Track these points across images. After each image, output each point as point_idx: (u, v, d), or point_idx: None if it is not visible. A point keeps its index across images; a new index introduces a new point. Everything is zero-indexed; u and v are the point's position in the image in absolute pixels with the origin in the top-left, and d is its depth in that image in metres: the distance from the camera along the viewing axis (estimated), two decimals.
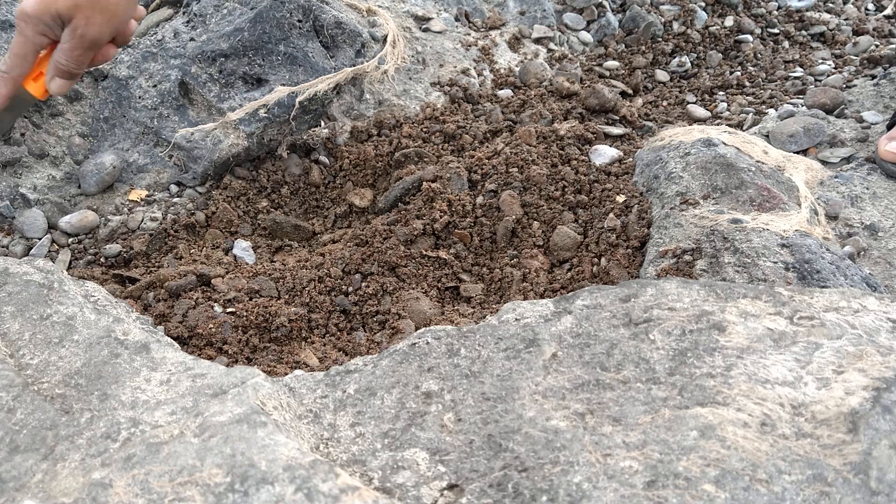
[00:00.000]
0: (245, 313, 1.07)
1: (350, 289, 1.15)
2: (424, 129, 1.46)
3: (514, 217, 1.21)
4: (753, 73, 1.88)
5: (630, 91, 1.76)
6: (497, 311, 0.90)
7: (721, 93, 1.80)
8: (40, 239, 1.18)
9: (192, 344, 1.05)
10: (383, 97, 1.51)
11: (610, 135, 1.44)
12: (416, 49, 1.63)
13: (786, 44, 2.01)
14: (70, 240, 1.20)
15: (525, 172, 1.27)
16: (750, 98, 1.75)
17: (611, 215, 1.18)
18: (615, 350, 0.70)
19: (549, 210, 1.23)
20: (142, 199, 1.28)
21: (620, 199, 1.22)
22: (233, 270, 1.19)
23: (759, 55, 1.95)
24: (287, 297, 1.14)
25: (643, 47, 1.94)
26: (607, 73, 1.81)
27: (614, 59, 1.89)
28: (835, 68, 1.85)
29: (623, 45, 1.95)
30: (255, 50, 1.34)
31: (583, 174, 1.29)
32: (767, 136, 1.46)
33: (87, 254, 1.19)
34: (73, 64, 0.93)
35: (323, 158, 1.40)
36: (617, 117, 1.51)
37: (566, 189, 1.26)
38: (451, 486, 0.58)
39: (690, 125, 1.56)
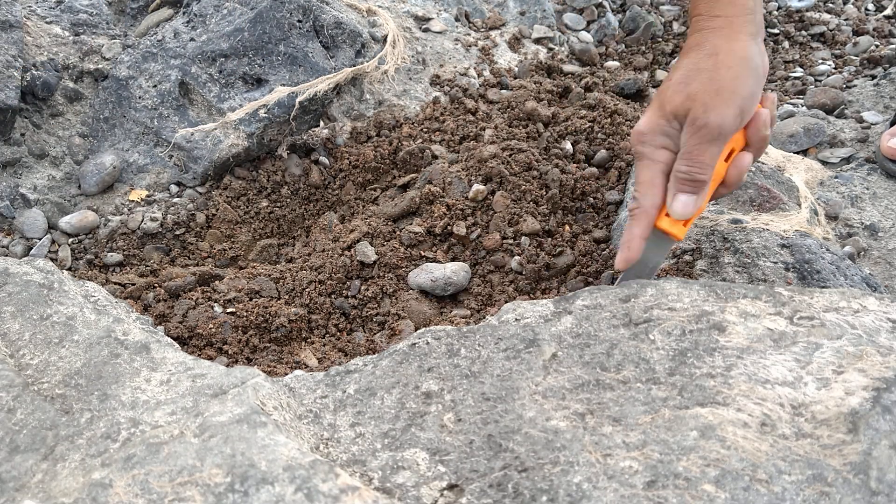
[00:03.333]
0: (245, 313, 1.07)
1: (349, 293, 1.15)
2: (424, 130, 1.46)
3: (505, 217, 1.21)
4: None
5: None
6: (497, 311, 0.90)
7: None
8: (40, 239, 1.18)
9: (192, 344, 1.05)
10: (383, 97, 1.51)
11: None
12: (416, 49, 1.63)
13: (786, 44, 2.01)
14: (70, 240, 1.20)
15: (521, 174, 1.27)
16: None
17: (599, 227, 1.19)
18: (615, 350, 0.70)
19: (539, 211, 1.23)
20: (142, 200, 1.28)
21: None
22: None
23: None
24: (287, 297, 1.14)
25: (643, 47, 1.94)
26: (608, 74, 1.81)
27: (614, 59, 1.89)
28: (835, 68, 1.85)
29: (623, 45, 1.95)
30: (255, 50, 1.34)
31: (571, 175, 1.29)
32: None
33: (88, 254, 1.19)
34: (695, 167, 0.71)
35: (323, 159, 1.40)
36: None
37: (562, 190, 1.26)
38: (451, 486, 0.58)
39: None
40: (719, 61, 0.71)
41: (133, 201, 1.28)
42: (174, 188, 1.31)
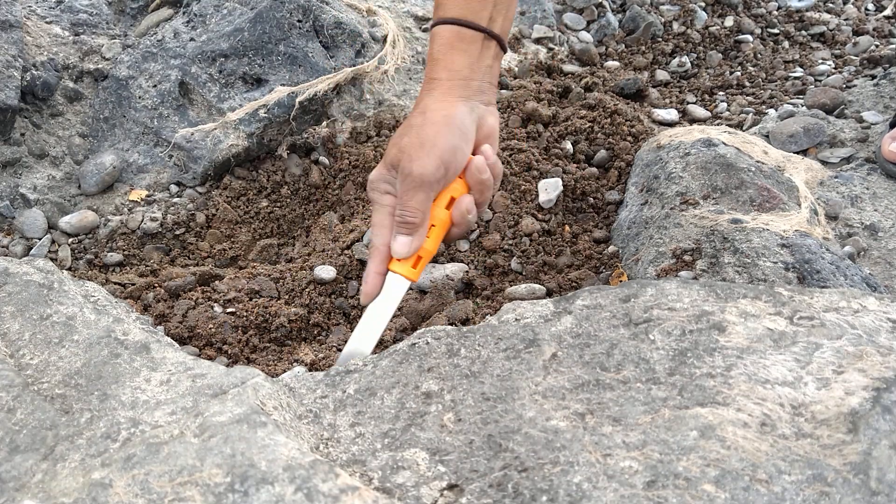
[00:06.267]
0: (245, 313, 1.07)
1: (347, 292, 1.15)
2: None
3: (505, 217, 1.21)
4: (753, 73, 1.88)
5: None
6: (497, 310, 0.90)
7: (721, 93, 1.80)
8: (40, 239, 1.18)
9: (193, 344, 1.05)
10: (383, 97, 1.51)
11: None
12: (416, 49, 1.63)
13: (786, 44, 2.01)
14: (70, 240, 1.20)
15: (521, 174, 1.27)
16: (750, 98, 1.75)
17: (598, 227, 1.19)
18: (615, 350, 0.70)
19: (537, 210, 1.23)
20: (142, 199, 1.28)
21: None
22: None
23: (759, 55, 1.96)
24: (287, 297, 1.14)
25: (643, 47, 1.94)
26: (608, 74, 1.82)
27: (614, 59, 1.89)
28: (835, 68, 1.85)
29: (623, 45, 1.95)
30: (255, 50, 1.34)
31: (571, 175, 1.29)
32: (767, 136, 1.46)
33: (88, 254, 1.19)
34: (406, 211, 0.80)
35: (323, 159, 1.40)
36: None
37: (562, 190, 1.26)
38: (451, 486, 0.58)
39: (690, 125, 1.56)
40: (426, 119, 0.80)
41: (133, 201, 1.28)
42: (174, 188, 1.31)
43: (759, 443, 0.58)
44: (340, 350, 1.09)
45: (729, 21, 2.03)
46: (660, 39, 1.97)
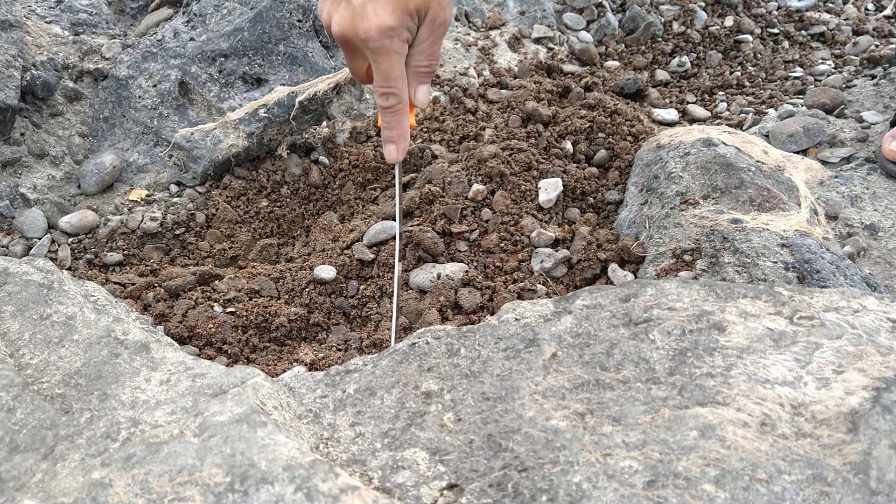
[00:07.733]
0: (245, 313, 1.07)
1: (347, 292, 1.15)
2: (424, 129, 1.46)
3: (505, 217, 1.21)
4: (753, 73, 1.88)
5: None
6: (497, 310, 0.90)
7: (721, 93, 1.80)
8: (40, 239, 1.18)
9: (193, 344, 1.05)
10: None
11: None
12: None
13: (786, 44, 2.01)
14: (70, 239, 1.20)
15: (521, 174, 1.27)
16: (750, 98, 1.75)
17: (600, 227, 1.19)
18: (615, 350, 0.70)
19: (537, 210, 1.23)
20: (142, 199, 1.28)
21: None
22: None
23: (759, 55, 1.96)
24: (287, 297, 1.14)
25: (643, 47, 1.94)
26: (608, 74, 1.82)
27: (614, 58, 1.89)
28: (835, 68, 1.85)
29: (623, 45, 1.95)
30: (255, 50, 1.34)
31: (571, 175, 1.29)
32: (767, 136, 1.46)
33: (88, 253, 1.19)
34: (434, 60, 0.77)
35: (323, 158, 1.40)
36: None
37: (563, 190, 1.26)
38: (450, 486, 0.58)
39: (690, 125, 1.56)
40: None
41: (133, 201, 1.28)
42: (174, 188, 1.31)
43: (759, 443, 0.58)
44: (340, 349, 1.09)
45: (729, 21, 2.03)
46: (660, 39, 1.97)
